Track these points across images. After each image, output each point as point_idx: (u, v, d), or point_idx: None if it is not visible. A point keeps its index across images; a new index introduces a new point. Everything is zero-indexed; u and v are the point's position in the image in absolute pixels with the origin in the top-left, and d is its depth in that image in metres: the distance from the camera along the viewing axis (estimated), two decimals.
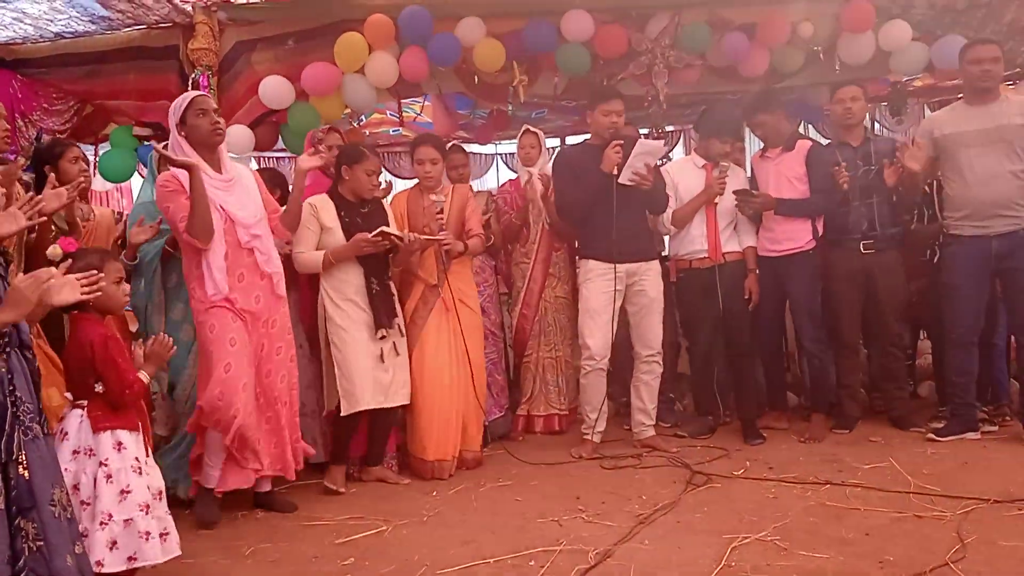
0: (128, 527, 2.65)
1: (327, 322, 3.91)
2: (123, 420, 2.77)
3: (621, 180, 4.13)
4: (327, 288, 3.92)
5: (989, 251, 4.01)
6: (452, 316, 4.19)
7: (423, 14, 4.66)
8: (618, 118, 4.27)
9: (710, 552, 2.91)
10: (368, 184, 3.98)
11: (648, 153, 4.15)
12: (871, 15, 4.73)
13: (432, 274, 4.19)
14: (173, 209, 3.33)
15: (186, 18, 4.70)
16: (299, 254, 3.90)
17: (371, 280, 3.93)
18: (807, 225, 4.42)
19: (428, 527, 3.40)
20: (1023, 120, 3.95)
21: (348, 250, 3.87)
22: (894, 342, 4.55)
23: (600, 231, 4.21)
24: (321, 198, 3.97)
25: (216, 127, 3.38)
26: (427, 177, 4.22)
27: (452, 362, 4.16)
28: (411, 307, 4.17)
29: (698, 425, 4.65)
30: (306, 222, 3.87)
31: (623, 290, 4.28)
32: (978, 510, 3.16)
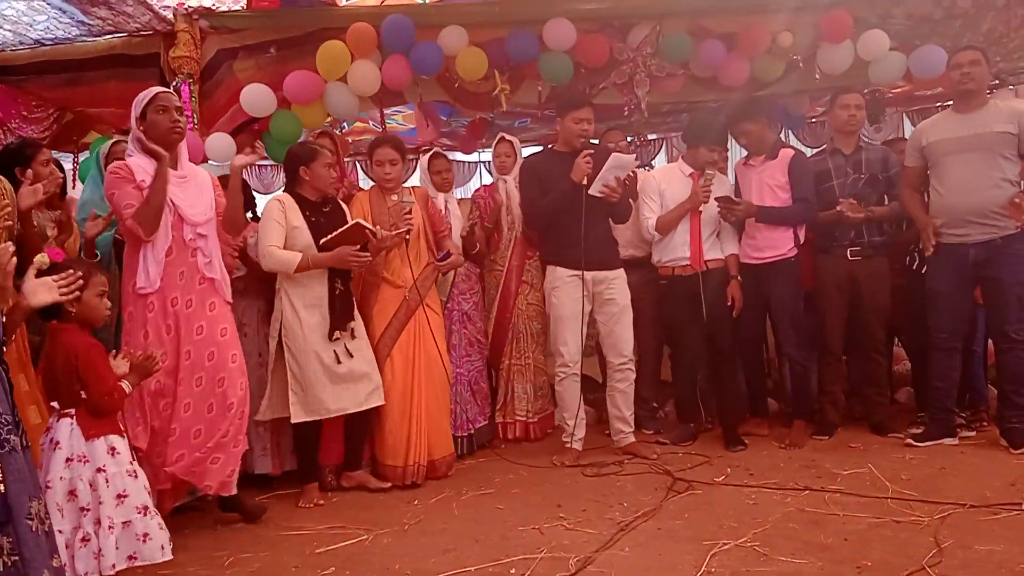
0: (127, 529, 2.71)
1: (283, 328, 3.86)
2: (113, 426, 2.82)
3: (591, 192, 4.15)
4: (289, 293, 3.86)
5: (967, 259, 4.05)
6: (420, 320, 4.18)
7: (405, 23, 4.67)
8: (588, 126, 4.30)
9: (690, 559, 2.92)
10: (329, 177, 3.99)
11: (620, 167, 4.18)
12: (849, 25, 4.78)
13: (400, 276, 4.18)
14: (119, 196, 3.28)
15: (167, 26, 4.68)
16: (271, 247, 3.82)
17: (335, 281, 3.92)
18: (789, 233, 4.46)
19: (409, 536, 3.39)
20: (1004, 127, 3.98)
21: (329, 260, 3.85)
22: (878, 348, 4.58)
23: (568, 239, 4.23)
24: (286, 195, 3.96)
25: (175, 125, 3.37)
26: (386, 178, 4.22)
27: (419, 368, 4.15)
28: (388, 313, 4.15)
29: (680, 432, 4.66)
30: (275, 216, 3.85)
31: (590, 297, 4.30)
32: (955, 515, 3.18)
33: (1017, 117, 3.98)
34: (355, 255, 3.84)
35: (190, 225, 3.39)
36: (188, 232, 3.39)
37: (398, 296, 4.17)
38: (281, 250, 3.84)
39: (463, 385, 4.67)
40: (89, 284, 2.81)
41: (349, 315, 3.96)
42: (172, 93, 3.57)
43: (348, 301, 3.98)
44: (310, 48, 4.72)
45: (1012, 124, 3.96)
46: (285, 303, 3.87)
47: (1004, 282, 4.00)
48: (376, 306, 4.18)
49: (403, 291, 4.18)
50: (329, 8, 4.87)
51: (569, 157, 4.24)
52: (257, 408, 3.96)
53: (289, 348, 3.85)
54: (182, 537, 3.39)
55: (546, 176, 4.31)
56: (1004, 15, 4.87)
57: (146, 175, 3.30)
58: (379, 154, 4.22)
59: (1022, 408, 4.07)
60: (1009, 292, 4.00)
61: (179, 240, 3.37)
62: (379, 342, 4.12)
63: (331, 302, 3.88)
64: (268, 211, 3.90)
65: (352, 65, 4.72)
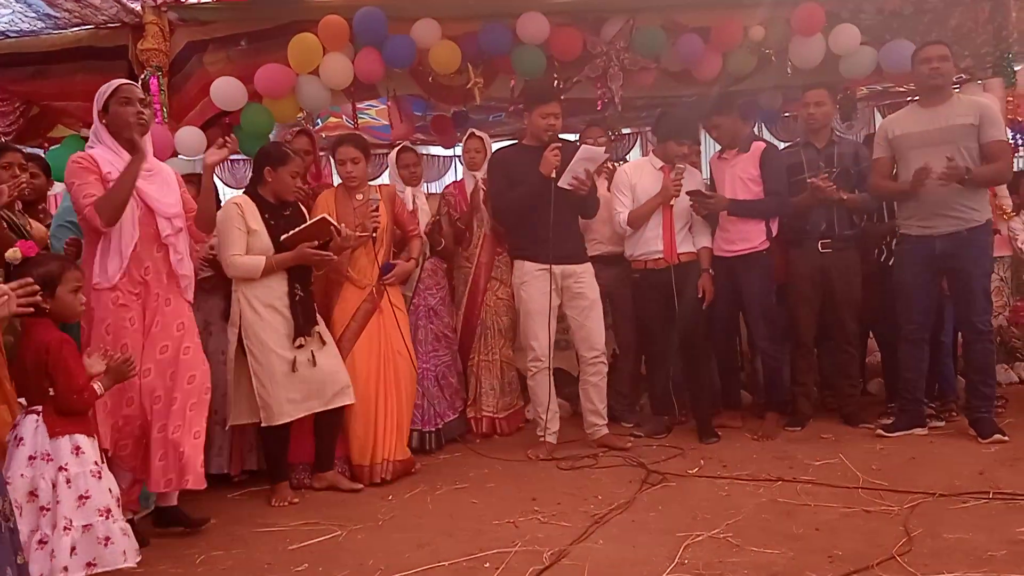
0: (87, 532, 2.64)
1: (244, 330, 3.76)
2: (81, 425, 2.75)
3: (561, 184, 4.15)
4: (247, 295, 3.77)
5: (934, 250, 4.09)
6: (384, 318, 4.16)
7: (378, 15, 4.64)
8: (556, 120, 4.29)
9: (663, 550, 2.93)
10: (292, 186, 3.92)
11: (590, 159, 4.19)
12: (821, 19, 4.82)
13: (366, 275, 4.15)
14: (79, 185, 3.16)
15: (135, 18, 4.63)
16: (234, 256, 3.75)
17: (295, 286, 3.84)
18: (761, 226, 4.49)
19: (383, 531, 3.38)
20: (968, 121, 4.03)
21: (292, 259, 3.79)
22: (849, 340, 4.62)
23: (536, 233, 4.23)
24: (244, 198, 3.88)
25: (139, 117, 3.27)
26: (349, 177, 4.18)
27: (384, 365, 4.12)
28: (348, 312, 4.11)
29: (654, 424, 4.68)
30: (234, 222, 3.76)
31: (558, 291, 4.31)
32: (924, 504, 3.22)
33: (978, 109, 4.04)
34: (317, 252, 3.78)
35: (164, 218, 3.31)
36: (164, 227, 3.31)
37: (360, 294, 4.13)
38: (243, 257, 3.76)
39: (430, 380, 4.64)
40: (63, 280, 2.77)
41: (312, 320, 3.89)
42: (135, 85, 3.46)
43: (309, 306, 3.91)
44: (281, 41, 4.68)
45: (974, 116, 4.02)
46: (244, 305, 3.78)
47: (970, 274, 4.05)
48: (338, 304, 4.13)
49: (367, 290, 4.14)
50: (301, 1, 4.82)
51: (537, 151, 4.23)
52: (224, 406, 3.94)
53: (251, 351, 3.76)
54: (153, 535, 3.37)
55: (514, 170, 4.31)
56: (972, 11, 4.95)
57: (112, 167, 3.22)
58: (341, 152, 4.17)
59: (990, 398, 4.15)
60: (975, 283, 4.06)
61: (148, 235, 3.28)
62: (339, 340, 4.06)
63: (292, 308, 3.81)
64: (227, 218, 3.77)
65: (324, 58, 4.69)
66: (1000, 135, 4.05)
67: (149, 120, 3.37)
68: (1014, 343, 5.38)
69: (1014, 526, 2.92)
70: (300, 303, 3.84)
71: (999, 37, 4.97)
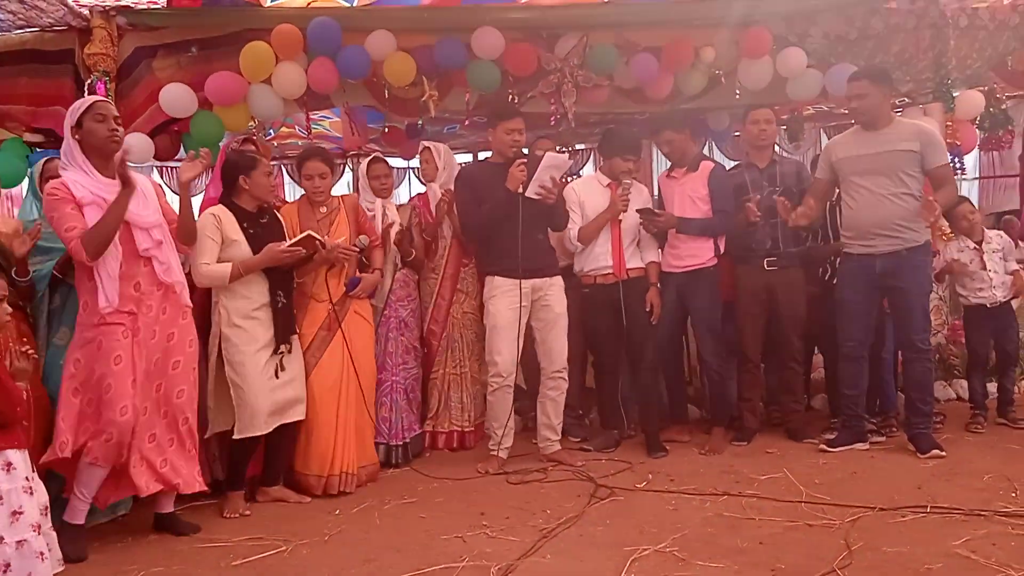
0: (21, 549, 2.58)
1: (222, 342, 3.76)
2: (10, 439, 2.67)
3: (528, 193, 4.17)
4: (226, 305, 3.77)
5: (874, 269, 4.19)
6: (351, 329, 4.13)
7: (332, 25, 4.62)
8: (520, 136, 4.32)
9: (610, 565, 2.94)
10: (268, 185, 3.92)
11: (555, 167, 4.21)
12: (768, 42, 4.94)
13: (334, 290, 4.11)
14: (59, 218, 3.16)
15: (82, 22, 4.54)
16: (202, 265, 3.74)
17: (277, 294, 3.84)
18: (709, 243, 4.56)
19: (330, 546, 3.33)
20: (907, 146, 4.13)
21: (262, 261, 3.77)
22: (794, 356, 4.71)
23: (505, 248, 4.24)
24: (222, 209, 3.85)
25: (113, 135, 3.27)
26: (317, 191, 4.17)
27: (347, 377, 4.10)
28: (315, 323, 4.08)
29: (603, 439, 4.71)
30: (208, 232, 3.74)
31: (528, 306, 4.32)
32: (865, 518, 3.29)
33: (919, 136, 4.15)
34: (286, 250, 3.76)
35: (142, 230, 3.29)
36: (142, 240, 3.29)
37: (327, 307, 4.10)
38: (211, 265, 3.74)
39: (399, 393, 4.61)
40: None
41: (291, 329, 3.91)
42: (110, 102, 3.47)
43: (290, 315, 3.92)
44: (233, 48, 4.64)
45: (915, 142, 4.12)
46: (223, 316, 3.76)
47: (909, 292, 4.16)
48: (306, 317, 4.10)
49: (329, 303, 4.10)
50: (253, 8, 4.79)
51: (503, 167, 4.25)
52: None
53: (229, 361, 3.74)
54: (92, 551, 3.28)
55: (481, 186, 4.31)
56: (913, 37, 5.11)
57: (84, 191, 3.18)
58: (309, 167, 4.14)
59: (928, 414, 4.26)
60: (914, 302, 4.18)
61: (130, 252, 3.26)
62: (306, 351, 4.04)
63: (274, 316, 3.81)
64: (202, 227, 3.73)
65: (277, 67, 4.66)
66: (943, 160, 4.15)
67: (123, 137, 3.35)
68: (952, 360, 5.52)
69: (951, 539, 2.99)
70: (282, 311, 3.84)
71: (939, 63, 5.14)
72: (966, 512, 3.27)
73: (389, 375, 4.56)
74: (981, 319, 4.82)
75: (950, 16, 5.09)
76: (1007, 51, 5.29)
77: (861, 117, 4.26)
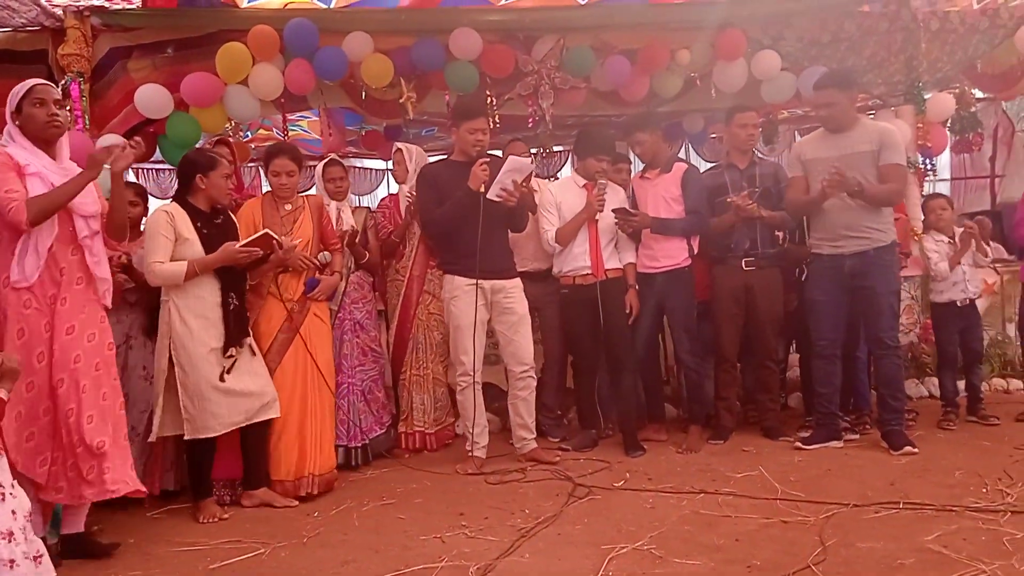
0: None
1: (172, 340, 3.68)
2: None
3: (489, 195, 4.16)
4: (177, 304, 3.69)
5: (843, 269, 4.26)
6: (310, 332, 4.11)
7: (309, 27, 4.63)
8: (483, 136, 4.30)
9: (588, 563, 2.96)
10: (226, 187, 3.89)
11: (517, 170, 4.21)
12: (743, 45, 5.00)
13: (291, 291, 4.09)
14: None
15: (56, 22, 4.51)
16: (156, 264, 3.66)
17: (229, 295, 3.78)
18: (683, 243, 4.61)
19: (308, 548, 3.32)
20: (870, 147, 4.19)
21: (217, 260, 3.72)
22: (770, 356, 4.75)
23: (465, 247, 4.24)
24: (174, 206, 3.79)
25: (53, 119, 3.17)
26: (282, 188, 4.13)
27: (309, 379, 4.08)
28: (273, 326, 4.04)
29: (581, 438, 4.73)
30: (162, 230, 3.68)
31: (487, 306, 4.33)
32: (839, 514, 3.33)
33: (879, 135, 4.22)
34: (242, 249, 3.72)
35: (81, 217, 3.21)
36: (81, 227, 3.21)
37: (282, 309, 4.07)
38: (165, 264, 3.67)
39: (356, 395, 4.59)
40: None
41: (244, 331, 3.84)
42: (51, 86, 3.32)
43: (242, 316, 3.86)
44: (209, 49, 4.63)
45: (875, 143, 4.19)
46: (173, 315, 3.69)
47: (877, 291, 4.22)
48: (263, 319, 4.05)
49: (291, 304, 4.08)
50: (230, 9, 4.78)
51: (465, 166, 4.24)
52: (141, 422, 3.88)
53: (179, 362, 3.67)
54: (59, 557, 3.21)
55: (443, 185, 4.30)
56: (885, 41, 5.20)
57: (28, 160, 3.11)
58: (276, 164, 4.10)
59: (899, 411, 4.32)
60: (882, 300, 4.24)
61: (64, 235, 3.18)
62: (265, 354, 3.99)
63: (225, 318, 3.75)
64: (155, 224, 3.69)
65: (253, 68, 4.65)
66: (895, 159, 4.19)
67: (64, 122, 3.26)
68: (924, 359, 5.61)
69: (922, 534, 3.04)
70: (234, 313, 3.79)
71: (910, 66, 5.23)
72: (937, 508, 3.32)
73: (346, 377, 4.54)
74: (949, 317, 4.90)
75: (921, 20, 5.18)
76: (977, 54, 5.39)
77: (830, 124, 4.32)
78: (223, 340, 3.73)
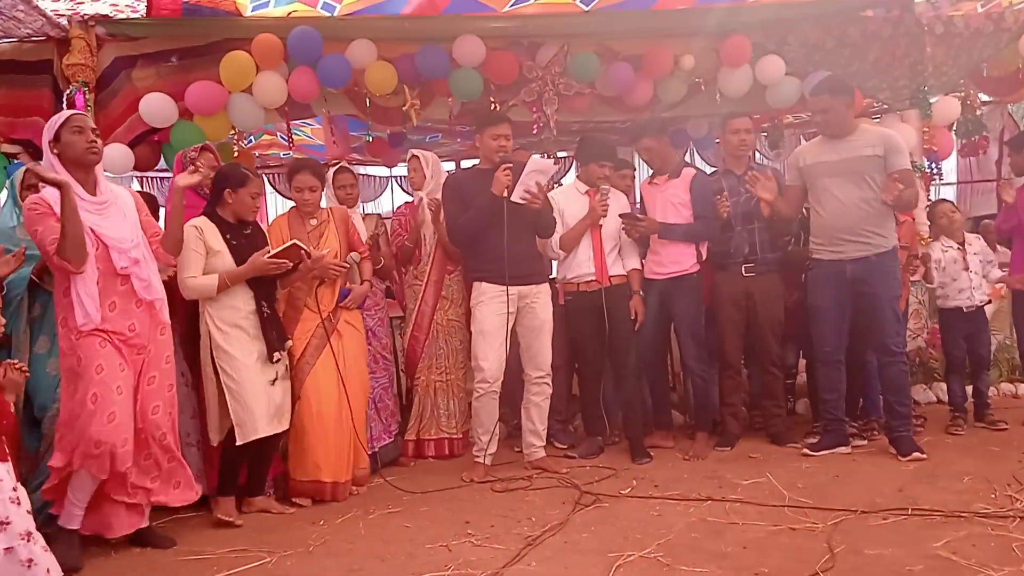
0: (9, 555, 2.57)
1: (214, 350, 3.76)
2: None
3: (513, 197, 4.16)
4: (212, 315, 3.78)
5: (845, 275, 4.24)
6: (340, 339, 4.14)
7: (312, 35, 4.64)
8: (507, 142, 4.32)
9: (595, 571, 2.95)
10: (252, 206, 3.92)
11: (540, 171, 4.21)
12: (747, 50, 4.99)
13: (327, 301, 4.12)
14: (42, 232, 3.15)
15: (61, 32, 4.53)
16: (189, 279, 3.75)
17: (262, 304, 3.84)
18: (691, 249, 4.60)
19: (314, 557, 3.31)
20: (872, 152, 4.19)
21: (247, 272, 3.77)
22: (774, 361, 4.74)
23: (492, 253, 4.24)
24: (204, 220, 3.85)
25: (92, 146, 3.26)
26: (305, 204, 4.18)
27: (340, 384, 4.09)
28: (304, 339, 4.08)
29: (587, 445, 4.72)
30: (192, 245, 3.74)
31: (515, 312, 4.32)
32: (847, 521, 3.31)
33: (883, 140, 4.21)
34: (272, 260, 3.77)
35: (118, 251, 3.28)
36: (118, 259, 3.28)
37: (318, 318, 4.10)
38: (198, 278, 3.75)
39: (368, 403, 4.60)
40: None
41: (283, 335, 3.93)
42: (86, 114, 3.50)
43: (278, 322, 3.94)
44: (213, 58, 4.64)
45: (879, 147, 4.18)
46: (211, 325, 3.77)
47: (879, 297, 4.21)
48: (297, 329, 4.09)
49: (324, 314, 4.10)
50: (234, 18, 4.79)
51: (491, 173, 4.24)
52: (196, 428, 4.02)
53: (223, 368, 3.74)
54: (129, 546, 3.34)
55: (468, 192, 4.31)
56: (889, 45, 5.18)
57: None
58: (299, 180, 4.15)
59: (906, 417, 4.30)
60: (884, 306, 4.22)
61: (107, 270, 3.25)
62: (300, 359, 4.05)
63: (263, 327, 3.81)
64: (185, 240, 3.74)
65: (257, 76, 4.66)
66: (905, 163, 4.20)
67: (101, 150, 3.34)
68: (932, 364, 5.58)
69: (931, 541, 3.02)
70: (269, 320, 3.85)
71: (915, 71, 5.21)
72: (946, 514, 3.30)
73: None
74: (956, 323, 4.89)
75: (926, 24, 5.16)
76: (982, 58, 5.37)
77: (828, 130, 4.32)
78: (263, 346, 3.80)
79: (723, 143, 4.89)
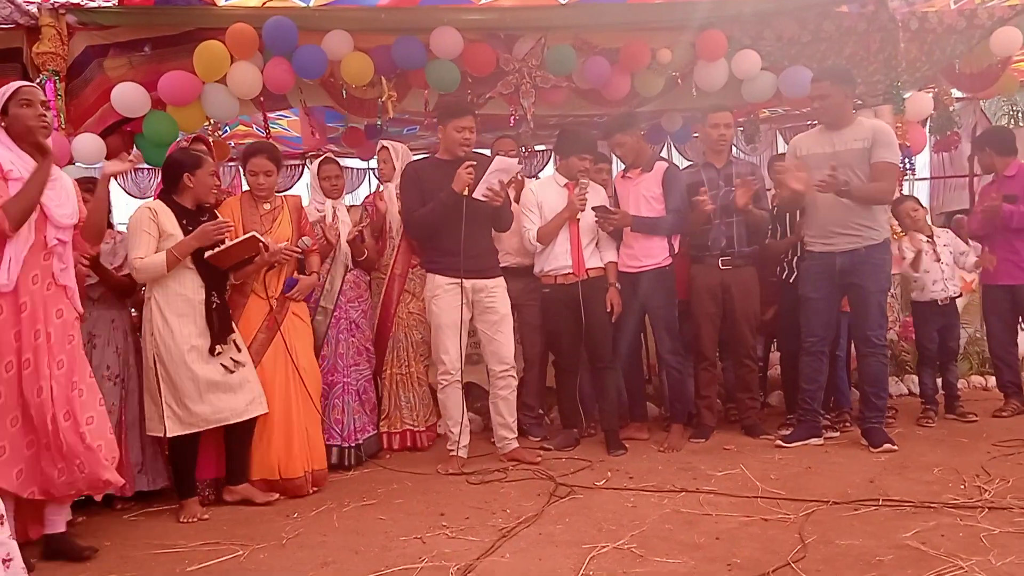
0: None
1: (154, 337, 3.68)
2: None
3: (475, 195, 4.14)
4: (159, 301, 3.69)
5: (834, 267, 4.28)
6: (290, 331, 4.09)
7: (288, 25, 4.60)
8: (471, 134, 4.27)
9: (569, 563, 2.95)
10: (212, 186, 3.88)
11: (504, 170, 4.20)
12: (723, 45, 5.02)
13: (274, 287, 4.07)
14: None
15: (30, 20, 4.46)
16: (137, 260, 3.66)
17: (211, 294, 3.78)
18: (664, 242, 4.61)
19: (287, 550, 3.30)
20: (860, 144, 4.22)
21: (194, 241, 3.69)
22: (749, 354, 4.77)
23: (448, 247, 4.23)
24: (158, 203, 3.78)
25: (41, 119, 3.15)
26: (260, 188, 4.11)
27: (291, 378, 4.06)
28: (253, 325, 4.02)
29: (563, 437, 4.73)
30: (145, 226, 3.67)
31: (470, 305, 4.32)
32: (819, 512, 3.34)
33: (872, 132, 4.24)
34: (214, 225, 3.70)
35: (54, 227, 3.19)
36: (52, 234, 3.18)
37: (264, 307, 4.05)
38: (146, 258, 3.66)
39: (351, 394, 4.58)
40: None
41: (228, 328, 3.84)
42: (37, 88, 3.34)
43: (225, 314, 3.85)
44: (187, 48, 4.60)
45: (867, 140, 4.21)
46: (155, 313, 3.69)
47: (867, 289, 4.25)
48: (242, 318, 4.02)
49: (270, 302, 4.06)
50: (207, 7, 4.74)
51: (451, 165, 4.21)
52: None
53: (161, 359, 3.68)
54: (41, 560, 3.21)
55: (427, 184, 4.27)
56: (864, 41, 5.23)
57: (12, 165, 3.08)
58: (253, 164, 4.07)
59: (881, 409, 4.35)
60: (871, 299, 4.26)
61: (39, 241, 3.15)
62: (257, 359, 3.98)
63: (208, 316, 3.74)
64: (137, 221, 3.69)
65: (232, 67, 4.61)
66: (887, 156, 4.20)
67: (51, 123, 3.25)
68: (904, 356, 5.66)
69: (901, 531, 3.06)
70: (217, 311, 3.78)
71: (889, 66, 5.27)
72: (916, 504, 3.35)
73: (341, 376, 4.53)
74: (929, 316, 4.94)
75: (900, 20, 5.21)
76: (955, 54, 5.43)
77: (823, 117, 4.33)
78: (207, 337, 3.73)
79: (702, 137, 4.91)
